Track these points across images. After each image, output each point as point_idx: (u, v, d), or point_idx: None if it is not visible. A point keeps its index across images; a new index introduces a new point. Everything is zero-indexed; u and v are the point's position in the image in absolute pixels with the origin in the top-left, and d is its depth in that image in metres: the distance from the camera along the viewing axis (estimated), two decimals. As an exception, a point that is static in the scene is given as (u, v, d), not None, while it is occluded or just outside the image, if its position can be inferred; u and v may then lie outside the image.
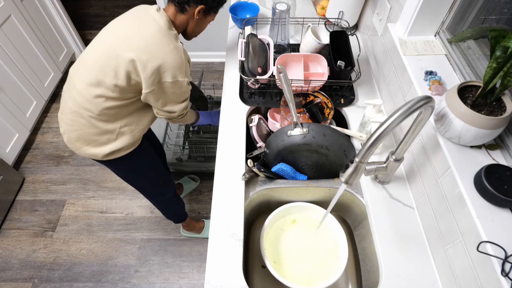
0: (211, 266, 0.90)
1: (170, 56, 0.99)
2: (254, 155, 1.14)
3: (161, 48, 0.98)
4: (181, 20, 1.06)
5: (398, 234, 0.95)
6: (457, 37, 0.98)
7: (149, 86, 1.01)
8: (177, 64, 1.01)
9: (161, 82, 1.01)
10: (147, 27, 0.99)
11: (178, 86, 1.04)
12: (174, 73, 1.01)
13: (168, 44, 0.99)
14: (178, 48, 1.01)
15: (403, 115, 0.68)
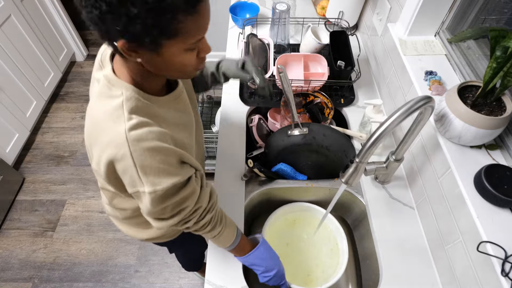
0: (211, 266, 0.90)
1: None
2: (254, 155, 1.14)
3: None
4: (132, 68, 0.61)
5: (398, 234, 0.95)
6: (457, 37, 0.98)
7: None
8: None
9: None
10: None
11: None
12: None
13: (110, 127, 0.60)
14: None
15: (403, 115, 0.69)
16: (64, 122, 2.48)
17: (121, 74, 0.61)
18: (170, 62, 0.57)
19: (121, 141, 0.57)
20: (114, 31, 0.49)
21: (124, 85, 0.60)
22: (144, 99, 0.61)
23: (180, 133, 0.69)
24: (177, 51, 0.55)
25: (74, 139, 2.38)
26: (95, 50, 3.03)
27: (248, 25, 1.37)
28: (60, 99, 2.63)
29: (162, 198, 0.62)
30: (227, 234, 0.80)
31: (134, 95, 0.60)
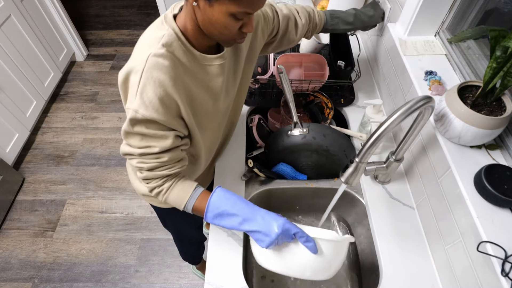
0: (211, 266, 0.90)
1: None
2: (254, 155, 1.14)
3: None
4: (188, 13, 0.67)
5: (398, 234, 0.95)
6: (457, 37, 0.98)
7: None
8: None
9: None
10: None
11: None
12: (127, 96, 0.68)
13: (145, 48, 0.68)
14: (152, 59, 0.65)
15: (403, 115, 0.69)
16: (64, 122, 2.48)
17: (180, 20, 0.69)
18: (215, 19, 0.62)
19: (143, 59, 0.65)
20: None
21: (173, 25, 0.68)
22: (183, 44, 0.68)
23: (201, 92, 0.74)
24: (224, 11, 0.61)
25: (74, 139, 2.38)
26: (95, 50, 3.03)
27: (248, 25, 1.37)
28: (60, 99, 2.63)
29: (138, 122, 0.67)
30: (175, 197, 0.76)
31: (176, 35, 0.67)
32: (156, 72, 0.64)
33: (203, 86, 0.74)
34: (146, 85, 0.64)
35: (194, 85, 0.72)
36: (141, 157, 0.72)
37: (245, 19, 0.65)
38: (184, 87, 0.70)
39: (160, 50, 0.65)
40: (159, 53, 0.65)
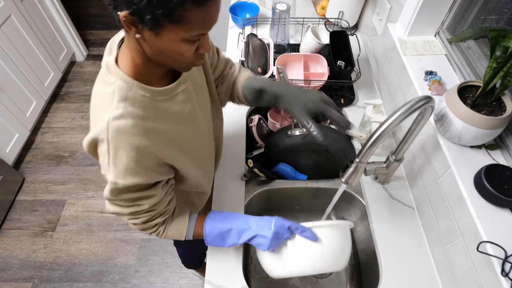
0: (211, 266, 0.90)
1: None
2: (254, 155, 1.14)
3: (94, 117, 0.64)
4: (132, 48, 0.59)
5: (398, 234, 0.95)
6: (457, 37, 0.98)
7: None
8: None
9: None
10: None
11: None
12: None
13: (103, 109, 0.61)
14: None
15: (403, 115, 0.69)
16: (64, 122, 2.48)
17: (122, 61, 0.61)
18: (166, 48, 0.55)
19: (104, 127, 0.59)
20: (120, 0, 0.50)
21: (119, 74, 0.60)
22: (138, 90, 0.61)
23: (178, 126, 0.69)
24: (175, 38, 0.54)
25: (74, 139, 2.38)
26: (95, 50, 3.03)
27: (248, 25, 1.37)
28: (60, 99, 2.63)
29: (121, 191, 0.64)
30: (173, 232, 0.78)
31: (127, 84, 0.60)
32: (123, 136, 0.59)
33: (177, 119, 0.69)
34: (116, 153, 0.60)
35: (168, 124, 0.66)
36: (131, 215, 0.70)
37: (201, 40, 0.58)
38: (159, 134, 0.64)
39: (117, 111, 0.59)
40: (118, 115, 0.58)
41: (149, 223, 0.73)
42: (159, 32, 0.52)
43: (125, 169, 0.61)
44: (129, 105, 0.60)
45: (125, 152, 0.60)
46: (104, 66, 0.63)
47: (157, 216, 0.73)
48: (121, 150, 0.60)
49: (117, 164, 0.60)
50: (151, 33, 0.53)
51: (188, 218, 0.79)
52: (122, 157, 0.60)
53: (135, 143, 0.60)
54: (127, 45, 0.60)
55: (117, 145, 0.59)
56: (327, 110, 0.77)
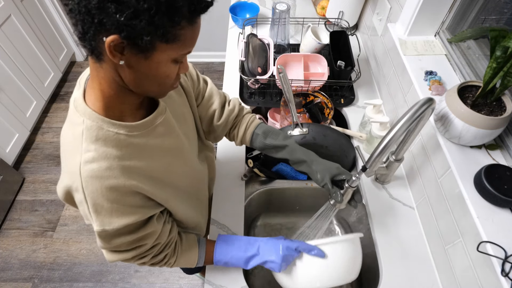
0: (211, 266, 0.90)
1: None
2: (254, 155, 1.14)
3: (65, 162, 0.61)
4: (104, 78, 0.54)
5: (398, 234, 0.95)
6: (457, 37, 0.98)
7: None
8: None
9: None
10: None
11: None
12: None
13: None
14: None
15: (409, 121, 0.69)
16: (64, 122, 2.47)
17: (90, 96, 0.56)
18: (154, 70, 0.52)
19: (76, 174, 0.54)
20: (110, 23, 0.44)
21: (87, 112, 0.55)
22: (110, 128, 0.55)
23: (158, 160, 0.64)
24: (166, 59, 0.51)
25: (74, 139, 2.37)
26: (95, 50, 3.03)
27: (248, 25, 1.37)
28: (60, 99, 2.63)
29: (113, 236, 0.59)
30: (184, 262, 0.76)
31: (96, 123, 0.55)
32: (98, 182, 0.54)
33: (157, 153, 0.64)
34: (95, 201, 0.55)
35: (148, 160, 0.61)
36: (137, 257, 0.67)
37: (183, 61, 0.56)
38: (138, 171, 0.59)
39: (88, 154, 0.54)
40: (89, 158, 0.54)
41: (158, 257, 0.71)
42: (150, 54, 0.49)
43: (109, 214, 0.56)
44: (101, 146, 0.55)
45: (104, 198, 0.55)
46: (72, 103, 0.58)
47: (163, 248, 0.71)
48: (99, 196, 0.55)
49: (99, 211, 0.56)
50: (140, 56, 0.49)
51: (198, 246, 0.78)
52: (103, 203, 0.55)
53: (113, 186, 0.55)
54: (96, 77, 0.54)
55: (93, 191, 0.54)
56: (348, 175, 0.78)
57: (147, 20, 0.44)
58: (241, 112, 0.89)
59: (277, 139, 0.84)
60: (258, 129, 0.86)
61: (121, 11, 0.43)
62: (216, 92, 0.84)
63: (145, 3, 0.43)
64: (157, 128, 0.63)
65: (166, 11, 0.45)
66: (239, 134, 0.88)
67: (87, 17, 0.45)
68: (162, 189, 0.65)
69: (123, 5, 0.43)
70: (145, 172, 0.61)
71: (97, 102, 0.56)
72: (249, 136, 0.87)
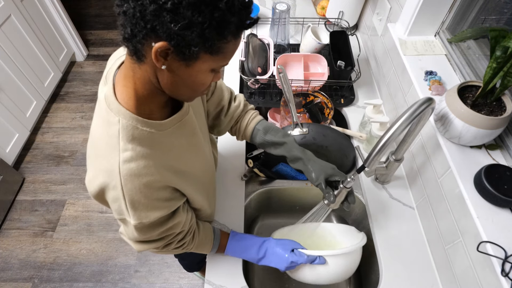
0: (211, 266, 0.90)
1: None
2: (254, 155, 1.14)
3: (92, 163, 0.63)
4: (139, 78, 0.56)
5: (398, 234, 0.95)
6: (457, 37, 0.98)
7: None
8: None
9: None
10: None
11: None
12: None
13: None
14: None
15: (407, 120, 0.69)
16: (64, 122, 2.48)
17: (122, 93, 0.57)
18: (193, 78, 0.54)
19: (114, 172, 0.57)
20: (162, 31, 0.46)
21: (122, 111, 0.56)
22: (143, 127, 0.58)
23: (185, 156, 0.68)
24: (206, 68, 0.53)
25: (74, 139, 2.38)
26: (95, 50, 3.03)
27: (248, 25, 1.37)
28: (60, 99, 2.63)
29: (148, 228, 0.64)
30: (201, 249, 0.83)
31: (131, 123, 0.57)
32: (136, 180, 0.58)
33: (182, 150, 0.67)
34: (133, 197, 0.58)
35: (174, 156, 0.65)
36: (165, 246, 0.73)
37: (219, 69, 0.59)
38: (167, 167, 0.63)
39: (126, 153, 0.57)
40: (128, 158, 0.57)
41: (181, 242, 0.76)
42: (193, 63, 0.51)
43: (145, 209, 0.60)
44: (137, 145, 0.58)
45: (141, 194, 0.59)
46: (103, 101, 0.59)
47: (185, 234, 0.76)
48: (138, 193, 0.58)
49: (136, 206, 0.59)
50: (182, 63, 0.51)
51: (213, 236, 0.85)
52: (140, 199, 0.59)
53: (149, 183, 0.59)
54: (131, 76, 0.56)
55: (132, 189, 0.58)
56: (342, 176, 0.80)
57: (198, 32, 0.46)
58: (245, 107, 0.92)
59: (276, 136, 0.86)
60: (259, 125, 0.89)
61: (176, 21, 0.45)
62: (225, 88, 0.88)
63: (200, 16, 0.45)
64: (182, 126, 0.66)
65: (217, 25, 0.47)
66: (241, 129, 0.91)
67: (140, 21, 0.46)
68: (186, 181, 0.69)
69: (179, 15, 0.45)
70: (173, 168, 0.65)
71: (130, 101, 0.57)
72: (250, 131, 0.89)
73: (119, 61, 0.62)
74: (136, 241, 0.68)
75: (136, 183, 0.58)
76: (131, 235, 0.65)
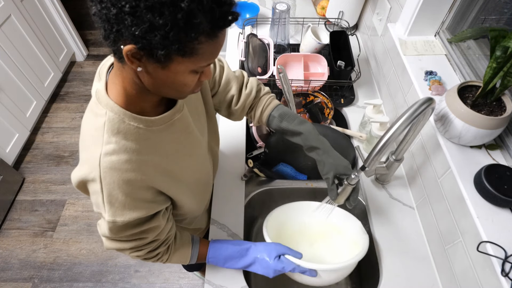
0: (211, 266, 0.90)
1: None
2: (254, 155, 1.14)
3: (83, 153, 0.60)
4: (126, 78, 0.55)
5: (398, 234, 0.95)
6: (457, 37, 0.98)
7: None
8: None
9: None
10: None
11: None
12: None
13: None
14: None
15: (408, 120, 0.69)
16: (64, 122, 2.48)
17: (112, 90, 0.57)
18: (171, 79, 0.52)
19: (95, 164, 0.55)
20: (127, 35, 0.45)
21: (110, 104, 0.56)
22: (130, 121, 0.57)
23: (174, 156, 0.66)
24: (183, 70, 0.51)
25: (74, 139, 2.38)
26: (95, 50, 3.03)
27: (248, 25, 1.37)
28: (60, 99, 2.63)
29: (121, 228, 0.61)
30: (177, 260, 0.78)
31: (118, 116, 0.56)
32: (116, 174, 0.56)
33: (173, 149, 0.65)
34: (111, 192, 0.56)
35: (164, 155, 0.63)
36: (134, 249, 0.68)
37: (205, 69, 0.56)
38: (154, 166, 0.61)
39: (109, 146, 0.55)
40: (110, 150, 0.55)
41: (153, 253, 0.72)
42: (167, 65, 0.49)
43: (122, 205, 0.58)
44: (121, 139, 0.56)
45: (120, 190, 0.57)
46: (94, 95, 0.58)
47: (160, 245, 0.72)
48: (116, 188, 0.56)
49: (113, 202, 0.57)
50: (157, 65, 0.49)
51: (191, 245, 0.79)
52: (118, 195, 0.57)
53: (130, 179, 0.57)
54: (119, 75, 0.55)
55: (110, 183, 0.56)
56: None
57: (162, 35, 0.44)
58: (258, 93, 0.88)
59: (292, 124, 0.82)
60: (274, 112, 0.84)
61: (137, 25, 0.43)
62: (233, 77, 0.84)
63: (161, 18, 0.43)
64: (175, 124, 0.64)
65: (183, 27, 0.44)
66: (256, 116, 0.88)
67: (107, 24, 0.46)
68: (173, 183, 0.67)
69: (138, 19, 0.43)
70: (160, 167, 0.62)
71: (119, 97, 0.57)
72: (266, 118, 0.86)
73: (104, 69, 0.61)
74: (106, 237, 0.65)
75: (116, 177, 0.56)
76: (103, 230, 0.63)
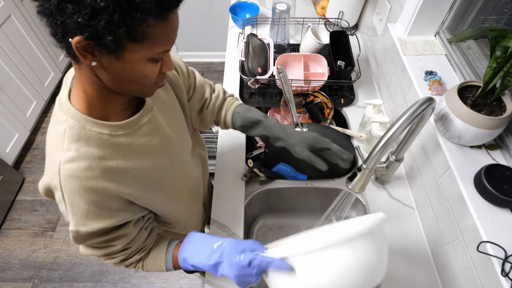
0: (211, 266, 0.90)
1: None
2: (254, 155, 1.14)
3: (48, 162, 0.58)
4: (85, 79, 0.53)
5: (398, 234, 0.95)
6: (457, 37, 0.98)
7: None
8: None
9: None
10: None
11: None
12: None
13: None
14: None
15: (408, 120, 0.69)
16: (64, 122, 2.48)
17: (74, 95, 0.55)
18: (130, 70, 0.49)
19: (55, 172, 0.54)
20: (72, 24, 0.42)
21: (70, 111, 0.54)
22: (93, 127, 0.54)
23: (144, 160, 0.62)
24: (139, 58, 0.48)
25: (74, 139, 2.38)
26: (95, 50, 3.03)
27: (248, 25, 1.37)
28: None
29: (85, 237, 0.59)
30: (152, 268, 0.73)
31: (79, 123, 0.54)
32: (76, 182, 0.53)
33: (143, 153, 0.62)
34: (72, 201, 0.54)
35: (132, 160, 0.60)
36: (106, 256, 0.66)
37: (164, 58, 0.54)
38: (121, 173, 0.58)
39: (69, 153, 0.53)
40: (70, 158, 0.53)
41: (127, 261, 0.69)
42: (121, 54, 0.47)
43: (85, 216, 0.56)
44: (82, 146, 0.54)
45: (81, 198, 0.55)
46: (57, 102, 0.57)
47: (134, 253, 0.69)
48: (77, 196, 0.54)
49: (75, 212, 0.55)
50: (111, 57, 0.47)
51: (166, 251, 0.73)
52: (79, 204, 0.55)
53: (91, 187, 0.55)
54: (78, 77, 0.53)
55: (71, 191, 0.54)
56: (327, 143, 0.79)
57: (107, 20, 0.42)
58: (224, 95, 0.90)
59: (256, 114, 0.83)
60: (238, 108, 0.85)
61: (78, 12, 0.41)
62: (204, 82, 0.86)
63: (102, 1, 0.41)
64: (143, 127, 0.61)
65: (127, 9, 0.42)
66: (221, 116, 0.88)
67: (51, 18, 0.44)
68: (148, 190, 0.64)
69: (79, 5, 0.41)
70: (129, 173, 0.60)
71: (80, 102, 0.55)
72: (230, 115, 0.85)
73: (70, 78, 0.60)
74: (78, 245, 0.63)
75: (76, 185, 0.54)
76: (71, 237, 0.60)
